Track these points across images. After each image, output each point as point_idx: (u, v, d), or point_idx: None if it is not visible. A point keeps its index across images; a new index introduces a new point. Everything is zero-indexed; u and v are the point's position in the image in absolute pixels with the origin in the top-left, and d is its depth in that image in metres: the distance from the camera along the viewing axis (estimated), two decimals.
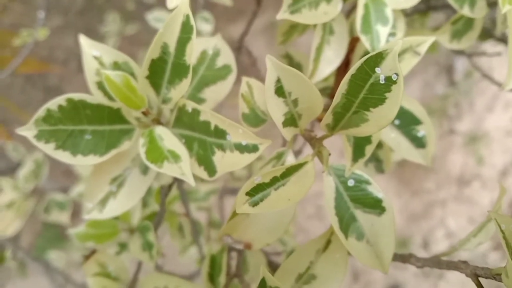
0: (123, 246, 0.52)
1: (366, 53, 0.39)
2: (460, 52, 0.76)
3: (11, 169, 1.13)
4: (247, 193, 0.25)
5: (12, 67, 0.84)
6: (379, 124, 0.26)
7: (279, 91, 0.26)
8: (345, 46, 0.38)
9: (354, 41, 0.39)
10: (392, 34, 0.38)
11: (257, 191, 0.25)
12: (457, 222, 2.16)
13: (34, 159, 1.04)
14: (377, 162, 0.41)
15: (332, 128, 0.28)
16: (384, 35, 0.36)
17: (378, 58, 0.24)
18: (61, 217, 1.04)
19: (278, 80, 0.26)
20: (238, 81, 0.38)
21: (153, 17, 0.76)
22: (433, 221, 2.18)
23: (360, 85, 0.25)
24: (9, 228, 0.96)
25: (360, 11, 0.36)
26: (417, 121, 0.37)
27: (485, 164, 2.17)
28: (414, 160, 0.37)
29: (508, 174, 2.20)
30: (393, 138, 0.37)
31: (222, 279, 0.42)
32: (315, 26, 0.40)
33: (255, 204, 0.25)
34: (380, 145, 0.40)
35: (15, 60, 0.86)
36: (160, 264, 0.63)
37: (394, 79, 0.24)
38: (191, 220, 0.64)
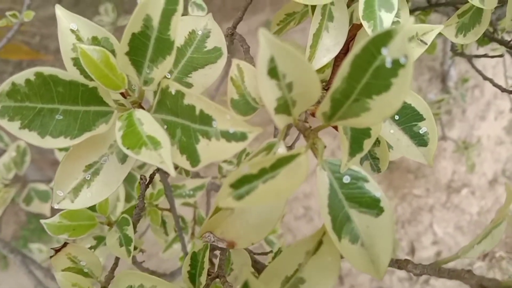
0: (100, 240, 0.49)
1: None
2: (460, 54, 0.74)
3: None
4: (232, 185, 0.22)
5: None
6: (382, 114, 0.23)
7: (272, 72, 0.23)
8: (344, 34, 0.36)
9: (354, 29, 0.36)
10: (396, 23, 0.35)
11: (243, 183, 0.23)
12: (445, 229, 2.15)
13: (15, 147, 1.00)
14: (373, 160, 0.38)
15: (329, 118, 0.25)
16: (388, 22, 0.33)
17: (386, 37, 0.21)
18: (42, 208, 1.00)
19: (272, 60, 0.23)
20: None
21: None
22: (421, 228, 2.17)
23: (363, 68, 0.22)
24: None
25: None
26: (419, 117, 0.34)
27: (475, 172, 2.16)
28: (415, 159, 0.34)
29: (498, 183, 2.20)
30: (392, 134, 0.34)
31: (203, 279, 0.39)
32: (313, 13, 0.38)
33: (240, 197, 0.22)
34: (377, 141, 0.38)
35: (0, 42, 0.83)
36: (144, 259, 0.60)
37: (402, 63, 0.21)
38: (175, 216, 0.61)
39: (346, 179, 0.27)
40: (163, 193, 0.67)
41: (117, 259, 0.46)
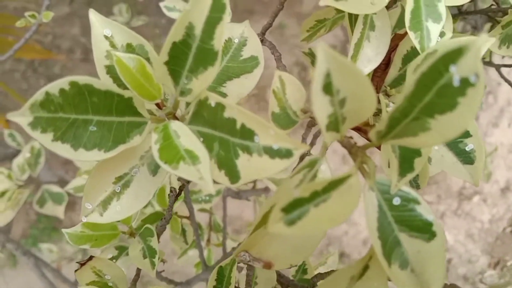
0: (122, 250, 0.48)
1: (410, 52, 0.34)
2: (487, 63, 0.72)
3: (9, 157, 1.08)
4: (283, 209, 0.21)
5: (15, 48, 0.80)
6: (444, 135, 0.21)
7: (327, 87, 0.22)
8: (386, 44, 0.34)
9: (396, 39, 0.35)
10: (441, 34, 0.34)
11: (295, 207, 0.21)
12: (456, 237, 2.12)
13: (30, 148, 0.99)
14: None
15: (383, 136, 0.23)
16: (435, 33, 0.31)
17: (456, 54, 0.19)
18: (56, 210, 0.99)
19: (328, 75, 0.21)
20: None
21: (165, 5, 0.71)
22: None
23: (427, 86, 0.20)
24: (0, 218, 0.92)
25: (409, 5, 0.32)
26: (465, 134, 0.32)
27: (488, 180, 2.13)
28: (460, 177, 0.32)
29: (510, 191, 2.17)
30: (437, 151, 0.33)
31: None
32: (351, 21, 0.36)
33: (291, 222, 0.21)
34: None
35: (17, 43, 0.82)
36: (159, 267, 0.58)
37: (473, 82, 0.20)
38: (193, 223, 0.60)
39: (396, 201, 0.26)
40: (180, 199, 0.65)
41: (138, 270, 0.45)
